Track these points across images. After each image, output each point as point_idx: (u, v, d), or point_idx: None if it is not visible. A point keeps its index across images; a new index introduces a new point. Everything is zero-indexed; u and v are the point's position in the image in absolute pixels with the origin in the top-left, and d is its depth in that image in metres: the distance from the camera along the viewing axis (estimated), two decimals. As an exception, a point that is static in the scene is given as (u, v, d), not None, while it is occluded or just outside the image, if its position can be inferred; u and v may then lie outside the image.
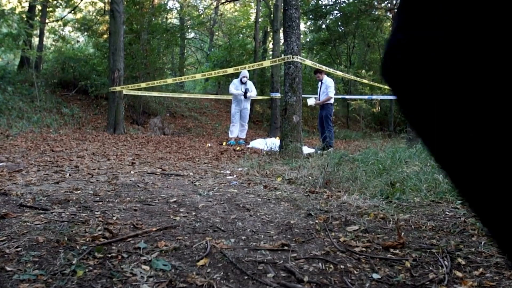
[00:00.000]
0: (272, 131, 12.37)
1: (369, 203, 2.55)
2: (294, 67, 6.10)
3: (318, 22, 21.27)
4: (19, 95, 11.81)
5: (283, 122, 6.08)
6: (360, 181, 3.27)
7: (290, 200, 2.68)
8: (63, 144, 7.03)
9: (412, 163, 4.37)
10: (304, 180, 3.63)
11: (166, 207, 2.44)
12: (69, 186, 3.18)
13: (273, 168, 4.77)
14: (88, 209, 2.30)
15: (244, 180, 3.81)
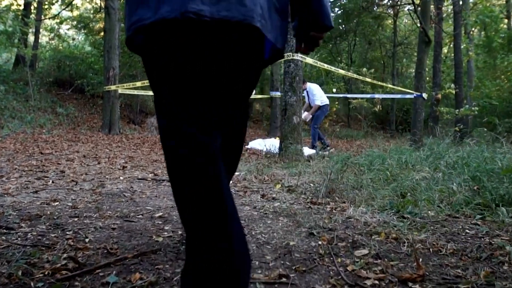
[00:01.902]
0: (272, 130, 12.09)
1: (378, 218, 2.27)
2: (294, 65, 5.82)
3: (319, 20, 20.95)
4: (13, 94, 11.53)
5: (283, 123, 5.80)
6: (367, 191, 2.99)
7: (290, 215, 2.40)
8: (54, 146, 6.76)
9: (420, 168, 4.09)
10: (305, 188, 3.35)
11: (150, 224, 2.16)
12: (48, 196, 2.91)
13: (272, 173, 4.50)
14: (59, 228, 2.02)
15: (241, 188, 3.54)
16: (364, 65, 19.69)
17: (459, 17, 12.17)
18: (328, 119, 16.95)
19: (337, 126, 17.21)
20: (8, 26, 13.94)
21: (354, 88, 19.19)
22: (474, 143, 4.60)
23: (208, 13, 0.98)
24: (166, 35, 1.04)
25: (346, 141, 12.70)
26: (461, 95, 11.90)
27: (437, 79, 12.54)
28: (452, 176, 3.37)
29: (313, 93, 7.87)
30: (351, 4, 18.17)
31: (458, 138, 6.24)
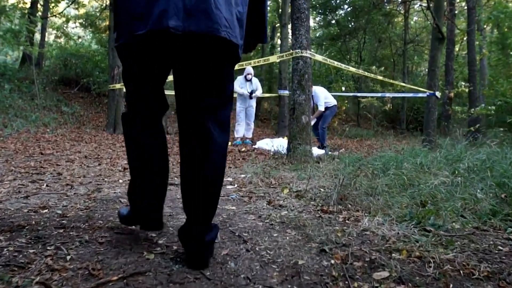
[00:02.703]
0: (280, 130, 11.85)
1: (397, 231, 2.03)
2: (303, 63, 5.57)
3: (328, 17, 20.64)
4: (19, 92, 11.43)
5: (291, 123, 5.56)
6: (382, 197, 2.74)
7: (298, 226, 2.17)
8: (56, 146, 6.58)
9: (437, 171, 3.84)
10: (314, 193, 3.11)
11: (143, 236, 1.95)
12: (38, 202, 2.70)
13: (280, 175, 4.26)
14: (41, 241, 1.81)
15: (246, 192, 3.31)
16: (374, 63, 19.35)
17: (473, 13, 11.83)
18: (337, 118, 16.66)
19: (346, 126, 16.92)
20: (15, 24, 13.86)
21: (363, 87, 18.86)
22: (495, 145, 4.32)
23: (181, 28, 1.39)
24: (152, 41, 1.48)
25: (356, 141, 12.41)
26: (475, 93, 11.57)
27: (449, 77, 12.24)
28: (474, 182, 3.12)
29: (318, 97, 7.74)
30: (361, 1, 17.83)
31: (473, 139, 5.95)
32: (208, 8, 1.40)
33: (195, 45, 1.46)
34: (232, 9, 1.50)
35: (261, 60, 7.00)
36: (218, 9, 1.42)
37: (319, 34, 22.05)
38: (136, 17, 1.44)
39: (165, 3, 1.38)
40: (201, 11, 1.40)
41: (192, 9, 1.39)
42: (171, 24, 1.36)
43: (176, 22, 1.37)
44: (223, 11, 1.44)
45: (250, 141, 9.08)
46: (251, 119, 9.17)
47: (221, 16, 1.42)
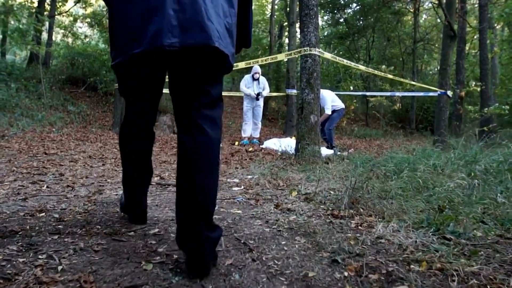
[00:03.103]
0: (287, 129, 11.71)
1: (414, 238, 1.89)
2: (311, 61, 5.43)
3: (336, 16, 20.43)
4: (26, 92, 11.39)
5: (299, 122, 5.42)
6: (396, 201, 2.60)
7: (308, 233, 2.03)
8: (60, 145, 6.50)
9: (451, 173, 3.68)
10: (324, 196, 2.97)
11: (141, 244, 1.82)
12: (36, 205, 2.59)
13: (288, 177, 4.13)
14: (33, 249, 1.69)
15: (252, 195, 3.18)
16: (383, 62, 19.12)
17: (485, 10, 11.60)
18: (346, 117, 16.47)
19: (355, 125, 16.73)
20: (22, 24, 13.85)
21: (372, 86, 18.65)
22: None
23: (178, 44, 1.43)
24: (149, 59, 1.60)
25: (365, 141, 12.23)
26: (487, 92, 11.34)
27: (460, 76, 12.00)
28: (492, 184, 2.96)
29: (325, 100, 7.66)
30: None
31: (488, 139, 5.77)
32: (201, 21, 1.47)
33: (191, 56, 1.55)
34: (221, 21, 1.57)
35: (268, 59, 6.87)
36: (210, 21, 1.50)
37: (327, 32, 21.85)
38: (131, 37, 1.48)
39: (159, 22, 1.43)
40: (196, 24, 1.47)
41: (187, 23, 1.46)
42: (166, 42, 1.42)
43: (172, 40, 1.43)
44: (215, 23, 1.52)
45: (257, 141, 8.95)
46: (259, 119, 9.05)
47: (213, 27, 1.50)
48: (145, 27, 1.45)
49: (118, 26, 1.57)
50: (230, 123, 13.62)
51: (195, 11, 1.46)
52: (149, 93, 1.81)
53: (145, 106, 1.84)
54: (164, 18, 1.43)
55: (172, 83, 1.66)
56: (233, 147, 7.75)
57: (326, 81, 16.94)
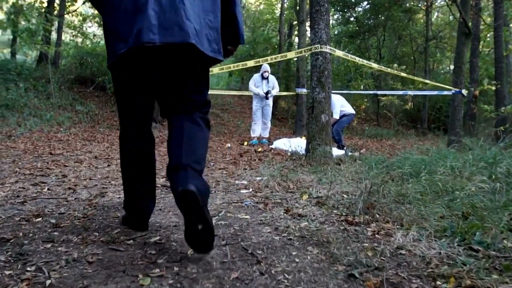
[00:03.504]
0: (297, 129, 11.52)
1: (437, 249, 1.73)
2: (322, 59, 5.26)
3: (346, 14, 20.17)
4: (34, 91, 11.36)
5: (310, 122, 5.25)
6: (414, 206, 2.43)
7: (321, 243, 1.87)
8: (67, 146, 6.41)
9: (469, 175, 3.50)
10: (337, 200, 2.81)
11: (140, 253, 1.68)
12: (34, 208, 2.47)
13: (298, 178, 3.97)
14: (22, 259, 1.56)
15: (261, 198, 3.03)
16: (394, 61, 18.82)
17: (500, 7, 11.29)
18: (357, 117, 16.23)
19: (366, 125, 16.51)
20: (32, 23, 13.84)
21: (383, 85, 18.35)
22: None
23: (158, 40, 1.56)
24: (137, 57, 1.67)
25: (376, 141, 12.02)
26: (503, 91, 11.03)
27: (474, 75, 11.72)
28: None
29: (334, 105, 7.53)
30: (381, -3, 17.34)
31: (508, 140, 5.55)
32: (180, 20, 1.60)
33: (173, 53, 1.70)
34: (200, 19, 1.69)
35: (278, 57, 6.71)
36: (188, 20, 1.61)
37: (338, 31, 21.60)
38: (119, 39, 1.62)
39: (141, 22, 1.56)
40: (175, 23, 1.59)
41: (166, 23, 1.58)
42: (146, 39, 1.54)
43: (151, 36, 1.55)
44: (193, 21, 1.63)
45: (266, 141, 8.80)
46: (268, 118, 8.89)
47: (191, 26, 1.62)
48: (129, 29, 1.59)
49: (108, 31, 1.72)
50: (239, 123, 13.48)
51: (174, 12, 1.60)
52: (141, 92, 1.85)
53: (137, 106, 1.88)
54: (145, 18, 1.56)
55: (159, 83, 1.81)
56: (242, 147, 7.61)
57: (337, 80, 16.72)
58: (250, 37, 18.38)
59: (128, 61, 1.70)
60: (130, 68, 1.76)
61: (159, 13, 1.58)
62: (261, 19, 19.82)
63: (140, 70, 1.76)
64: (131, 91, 1.85)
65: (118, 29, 1.63)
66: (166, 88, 1.83)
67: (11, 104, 9.96)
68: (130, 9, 1.60)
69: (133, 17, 1.59)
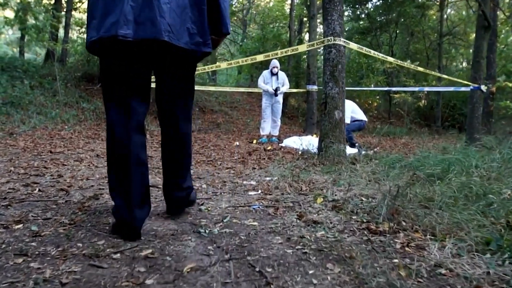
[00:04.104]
0: (308, 127, 11.22)
1: (484, 268, 1.43)
2: (336, 52, 4.96)
3: (358, 10, 19.76)
4: (41, 89, 11.19)
5: (323, 119, 4.95)
6: (445, 213, 2.12)
7: (342, 259, 1.58)
8: (69, 144, 6.18)
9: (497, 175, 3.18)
10: (355, 204, 2.52)
11: (127, 271, 1.41)
12: (17, 213, 2.21)
13: (311, 179, 3.68)
14: (-17, 280, 1.29)
15: (271, 201, 2.75)
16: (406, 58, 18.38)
17: (519, 0, 10.87)
18: (368, 114, 15.86)
19: (378, 123, 16.13)
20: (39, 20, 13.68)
21: (395, 82, 17.93)
22: None
23: (131, 35, 1.64)
24: (107, 46, 1.73)
25: (389, 139, 11.66)
26: (522, 88, 10.62)
27: (491, 71, 11.29)
28: None
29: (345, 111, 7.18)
30: (393, -7, 16.92)
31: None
32: (153, 17, 1.65)
33: (148, 48, 1.75)
34: (178, 14, 1.74)
35: (289, 50, 6.41)
36: (162, 17, 1.66)
37: (349, 27, 21.20)
38: (94, 26, 1.70)
39: (117, 15, 1.61)
40: (148, 19, 1.64)
41: (141, 19, 1.64)
42: (120, 32, 1.59)
43: (126, 31, 1.61)
44: (167, 18, 1.68)
45: (276, 139, 8.51)
46: (278, 116, 8.59)
47: (164, 22, 1.67)
48: (103, 20, 1.65)
49: (88, 14, 1.78)
50: (248, 121, 13.20)
51: (148, 8, 1.64)
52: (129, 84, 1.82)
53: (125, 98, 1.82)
54: (122, 11, 1.61)
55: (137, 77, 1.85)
56: (250, 146, 7.32)
57: (348, 77, 16.34)
58: (259, 34, 18.07)
59: (105, 51, 1.77)
60: (109, 59, 1.80)
61: (135, 8, 1.64)
62: (271, 16, 19.48)
63: (118, 62, 1.78)
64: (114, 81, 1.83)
65: (94, 16, 1.70)
66: (144, 82, 1.88)
67: (16, 102, 9.79)
68: (108, 1, 1.66)
69: (110, 8, 1.64)
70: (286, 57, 14.48)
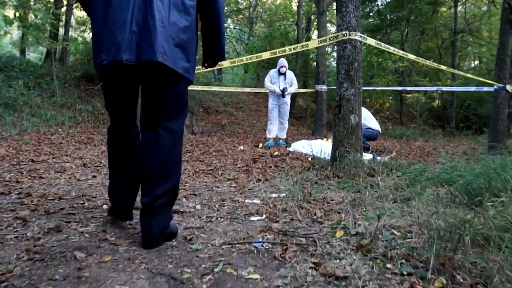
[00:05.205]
0: (317, 129, 10.62)
1: None
2: (351, 48, 4.38)
3: (367, 8, 19.09)
4: (38, 89, 10.71)
5: (337, 124, 4.38)
6: None
7: None
8: (56, 150, 5.65)
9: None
10: (387, 241, 1.94)
11: None
12: None
13: (325, 197, 3.11)
14: None
15: (278, 234, 2.18)
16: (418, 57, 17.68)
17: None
18: (379, 115, 15.23)
19: (389, 124, 15.49)
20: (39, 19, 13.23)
21: (407, 81, 17.22)
22: None
23: (132, 60, 1.80)
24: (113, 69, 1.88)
25: (402, 141, 11.02)
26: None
27: (513, 69, 10.63)
28: None
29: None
30: (405, -11, 16.23)
31: None
32: (150, 41, 1.79)
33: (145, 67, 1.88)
34: (171, 39, 1.87)
35: (298, 47, 5.82)
36: (157, 40, 1.80)
37: (358, 25, 20.52)
38: (103, 49, 1.84)
39: (121, 39, 1.78)
40: (147, 43, 1.80)
41: (141, 42, 1.80)
42: (125, 58, 1.78)
43: (129, 56, 1.79)
44: (162, 41, 1.82)
45: (284, 142, 7.94)
46: (285, 118, 8.02)
47: (159, 45, 1.80)
48: (111, 43, 1.81)
49: (95, 37, 1.92)
50: (254, 122, 12.63)
51: (147, 32, 1.80)
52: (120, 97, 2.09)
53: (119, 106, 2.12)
54: (125, 36, 1.78)
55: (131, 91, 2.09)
56: (256, 151, 6.75)
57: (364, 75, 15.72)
58: (266, 31, 17.49)
59: (108, 70, 1.90)
60: (110, 76, 1.99)
61: (135, 33, 1.79)
62: (278, 13, 18.89)
63: (118, 78, 1.98)
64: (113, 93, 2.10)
65: (102, 41, 1.85)
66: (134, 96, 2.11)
67: (11, 103, 9.30)
68: (113, 24, 1.80)
69: (114, 33, 1.79)
70: (294, 55, 13.88)
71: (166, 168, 1.97)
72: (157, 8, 1.80)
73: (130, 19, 1.78)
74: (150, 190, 1.92)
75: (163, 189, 1.94)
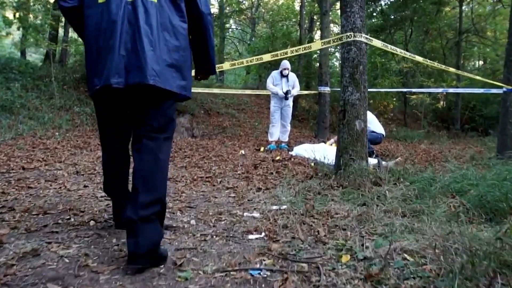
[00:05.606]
0: (320, 131, 10.41)
1: None
2: (356, 50, 4.17)
3: (371, 8, 18.84)
4: (37, 91, 10.52)
5: (341, 130, 4.17)
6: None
7: None
8: (50, 156, 5.45)
9: None
10: (399, 268, 1.74)
11: None
12: None
13: (328, 211, 2.90)
14: None
15: (278, 258, 1.98)
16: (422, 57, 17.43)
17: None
18: (383, 117, 15.00)
19: (393, 125, 15.27)
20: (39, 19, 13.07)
21: (411, 82, 16.97)
22: None
23: (122, 84, 1.86)
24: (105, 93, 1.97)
25: (406, 143, 10.81)
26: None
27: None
28: None
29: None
30: (409, -11, 15.98)
31: None
32: (139, 64, 1.85)
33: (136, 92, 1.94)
34: (160, 60, 1.92)
35: (301, 48, 5.61)
36: (147, 63, 1.86)
37: (361, 25, 20.29)
38: (95, 74, 1.93)
39: (110, 64, 1.85)
40: (136, 67, 1.86)
41: (130, 66, 1.86)
42: (113, 81, 1.83)
43: (118, 79, 1.84)
44: (152, 64, 1.88)
45: (286, 146, 7.72)
46: (287, 120, 7.80)
47: (149, 68, 1.86)
48: (101, 68, 1.88)
49: (87, 61, 2.02)
50: (256, 124, 12.41)
51: (136, 56, 1.86)
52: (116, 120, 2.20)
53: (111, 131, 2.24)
54: (114, 61, 1.85)
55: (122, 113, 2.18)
56: (257, 156, 6.54)
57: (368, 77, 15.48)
58: (268, 32, 17.28)
59: (101, 94, 1.99)
60: (103, 100, 2.11)
61: (124, 57, 1.86)
62: (280, 13, 18.68)
63: (110, 102, 2.11)
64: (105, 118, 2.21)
65: (93, 65, 1.96)
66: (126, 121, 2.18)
67: (8, 105, 9.12)
68: (102, 50, 1.89)
69: (104, 58, 1.88)
70: (296, 56, 13.68)
71: (149, 177, 1.92)
72: (144, 32, 1.87)
73: (118, 44, 1.85)
74: (134, 198, 1.89)
75: (147, 199, 1.88)
